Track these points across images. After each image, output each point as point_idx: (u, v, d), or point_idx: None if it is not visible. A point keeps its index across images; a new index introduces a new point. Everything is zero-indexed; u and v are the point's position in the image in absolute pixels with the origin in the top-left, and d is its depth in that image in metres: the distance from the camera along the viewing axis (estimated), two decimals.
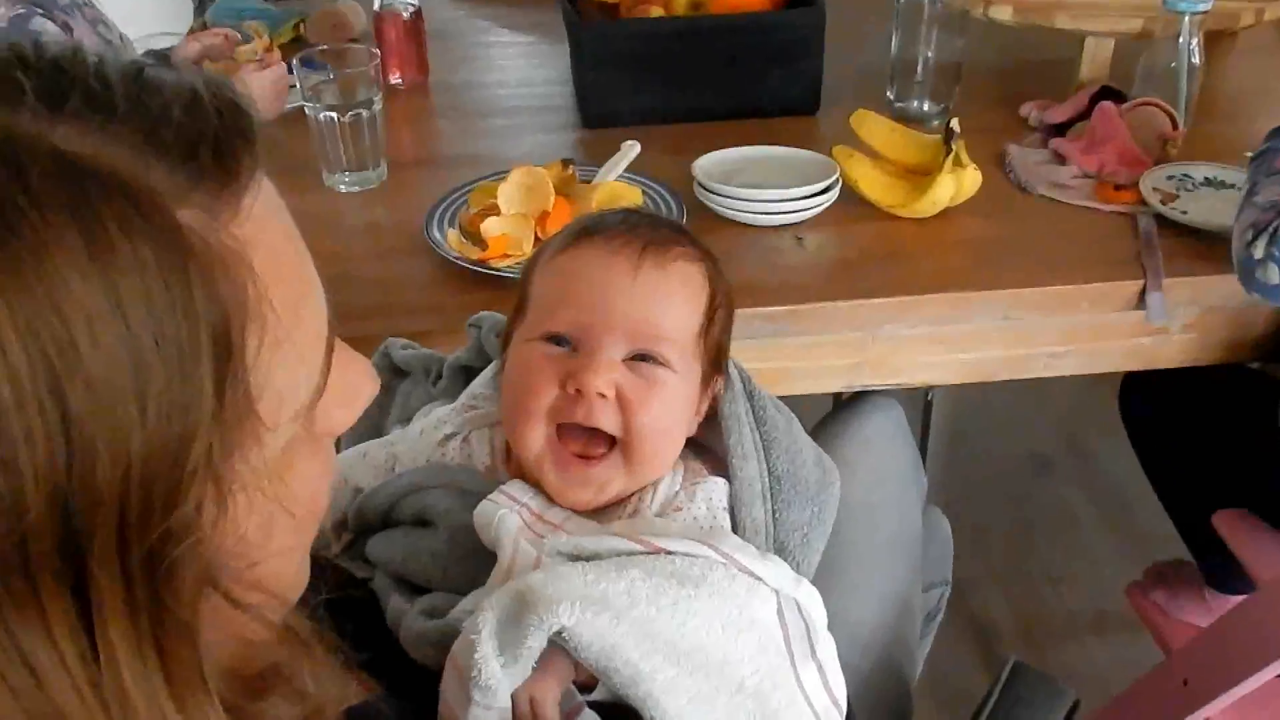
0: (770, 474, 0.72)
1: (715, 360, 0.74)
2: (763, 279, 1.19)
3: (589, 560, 0.62)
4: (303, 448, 0.44)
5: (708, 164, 1.32)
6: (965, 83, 1.56)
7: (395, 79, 1.72)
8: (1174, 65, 1.39)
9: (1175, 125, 1.37)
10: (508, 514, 0.65)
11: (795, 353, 1.18)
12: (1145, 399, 1.45)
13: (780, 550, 0.70)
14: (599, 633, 0.55)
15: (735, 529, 0.70)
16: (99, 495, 0.33)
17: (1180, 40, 1.38)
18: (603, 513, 0.70)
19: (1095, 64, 1.55)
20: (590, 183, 1.30)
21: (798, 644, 0.63)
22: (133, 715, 0.34)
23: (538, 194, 1.21)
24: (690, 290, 0.71)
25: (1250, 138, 1.21)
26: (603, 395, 0.66)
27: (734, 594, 0.61)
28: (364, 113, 1.36)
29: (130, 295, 0.33)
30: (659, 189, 1.31)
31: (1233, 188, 1.29)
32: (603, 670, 0.56)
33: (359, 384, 0.48)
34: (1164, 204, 1.25)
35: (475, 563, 0.65)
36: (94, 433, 0.33)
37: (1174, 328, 1.20)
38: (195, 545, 0.36)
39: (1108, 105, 1.39)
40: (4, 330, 0.31)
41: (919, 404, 1.78)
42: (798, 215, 1.26)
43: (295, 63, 1.37)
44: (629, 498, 0.70)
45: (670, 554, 0.62)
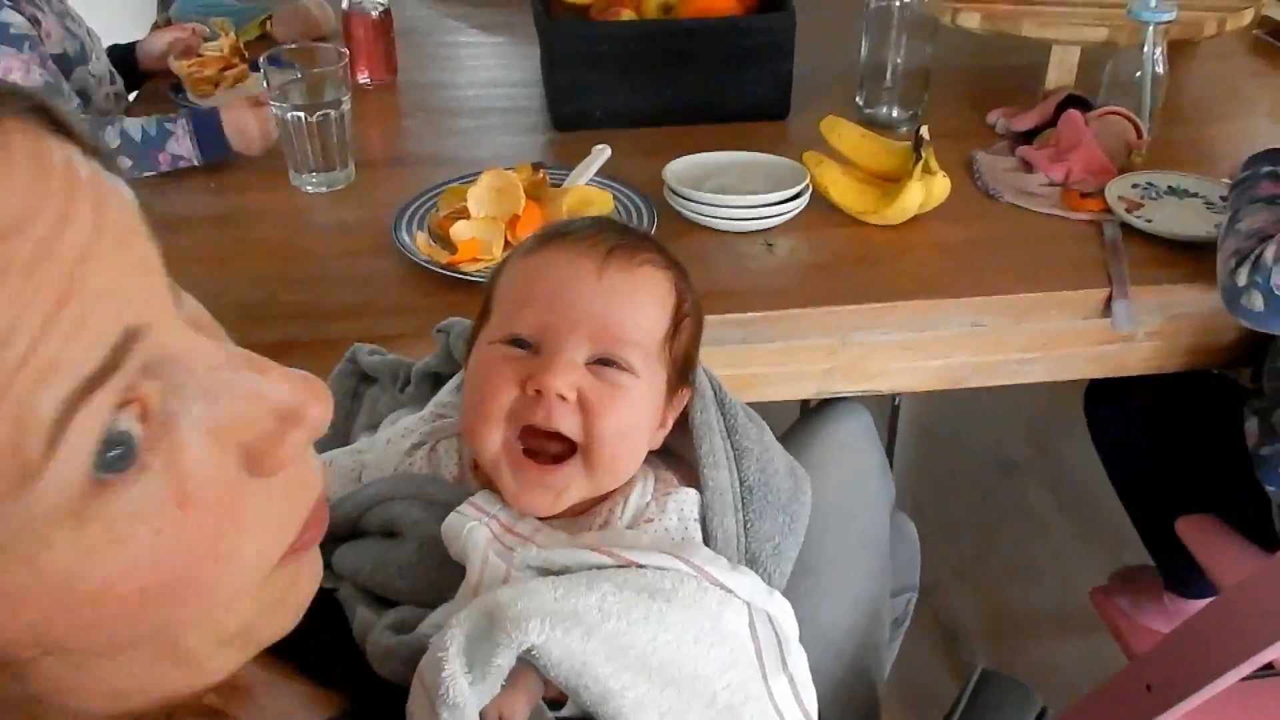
0: (742, 483, 0.71)
1: (682, 371, 0.73)
2: (733, 284, 1.19)
3: (559, 574, 0.61)
4: (59, 514, 0.34)
5: (678, 168, 1.32)
6: (933, 89, 1.57)
7: (363, 78, 1.71)
8: (1139, 74, 1.40)
9: (1140, 133, 1.39)
10: (477, 526, 0.64)
11: (765, 359, 1.17)
12: (1110, 404, 1.47)
13: (752, 561, 0.70)
14: (569, 650, 0.55)
15: (706, 539, 0.69)
16: None
17: (1145, 49, 1.39)
18: (573, 524, 0.69)
19: (1061, 72, 1.57)
20: (561, 186, 1.29)
21: (769, 656, 0.63)
22: None
23: (508, 197, 1.20)
24: (656, 295, 0.71)
25: (1213, 146, 1.22)
26: (563, 397, 0.66)
27: (706, 607, 0.60)
28: (332, 112, 1.34)
29: None
30: (629, 193, 1.31)
31: (1196, 196, 1.31)
32: (573, 687, 0.56)
33: None
34: (1129, 212, 1.26)
35: (444, 575, 0.64)
36: None
37: (1140, 335, 1.21)
38: None
39: (1074, 113, 1.40)
40: None
41: (885, 408, 1.79)
42: (768, 221, 1.26)
43: (262, 61, 1.35)
44: (599, 508, 0.69)
45: (641, 567, 0.61)
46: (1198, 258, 1.21)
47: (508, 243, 1.18)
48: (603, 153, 1.33)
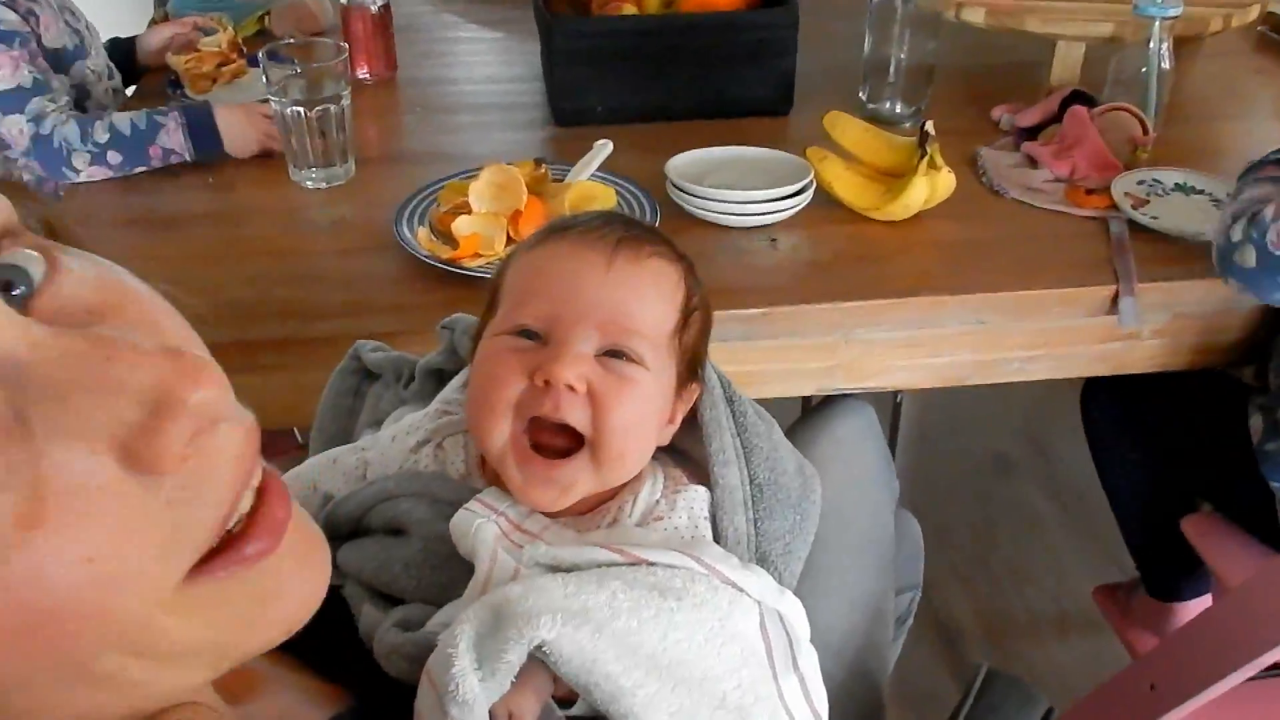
0: (752, 481, 0.70)
1: (690, 366, 0.73)
2: (736, 281, 1.18)
3: (569, 571, 0.60)
4: None
5: (681, 164, 1.31)
6: (937, 85, 1.56)
7: (362, 73, 1.70)
8: (1144, 70, 1.40)
9: (1145, 130, 1.38)
10: (485, 523, 0.63)
11: (767, 355, 1.17)
12: (1107, 403, 1.46)
13: (762, 560, 0.69)
14: (580, 646, 0.54)
15: (717, 538, 0.69)
16: None
17: (1150, 45, 1.39)
18: (582, 522, 0.68)
19: (1066, 68, 1.56)
20: (563, 181, 1.28)
21: (780, 656, 0.62)
22: None
23: (510, 192, 1.19)
24: (664, 287, 0.70)
25: (1218, 142, 1.22)
26: (572, 388, 0.65)
27: (716, 606, 0.60)
28: (331, 108, 1.34)
29: None
30: (631, 188, 1.30)
31: (1203, 193, 1.30)
32: (583, 685, 0.55)
33: None
34: (1135, 209, 1.26)
35: (451, 573, 0.64)
36: None
37: (1145, 333, 1.20)
38: None
39: (1079, 109, 1.40)
40: None
41: (888, 405, 1.78)
42: (771, 217, 1.26)
43: (261, 56, 1.34)
44: (609, 506, 0.69)
45: (652, 565, 0.61)
46: (1204, 255, 1.20)
47: (510, 238, 1.17)
48: (604, 148, 1.32)
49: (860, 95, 1.57)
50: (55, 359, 0.33)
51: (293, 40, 1.49)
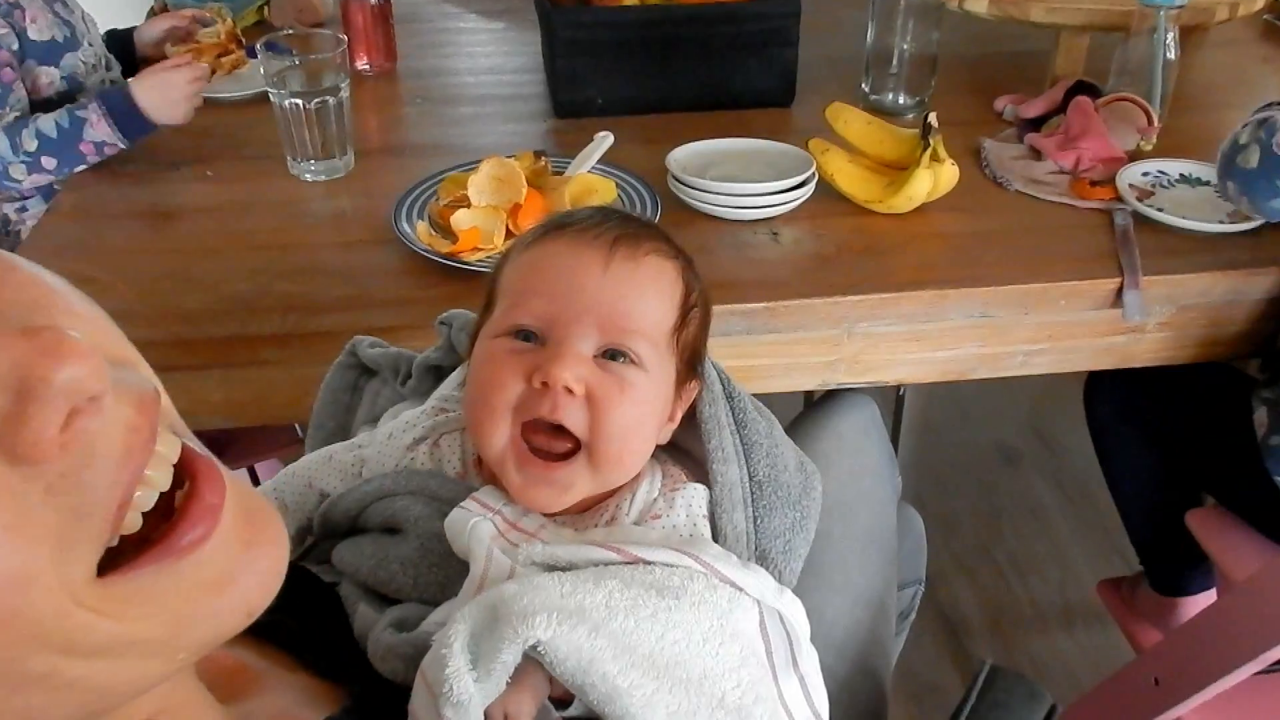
0: (751, 479, 0.70)
1: (689, 362, 0.72)
2: (737, 274, 1.17)
3: (565, 570, 0.60)
4: None
5: (682, 156, 1.30)
6: (940, 76, 1.55)
7: (362, 65, 1.69)
8: (1150, 60, 1.39)
9: (1150, 120, 1.37)
10: (481, 522, 0.63)
11: (770, 350, 1.16)
12: (1111, 397, 1.46)
13: (762, 558, 0.68)
14: (576, 646, 0.54)
15: (715, 536, 0.68)
16: None
17: (1156, 35, 1.37)
18: (579, 521, 0.68)
19: (1070, 58, 1.55)
20: (563, 174, 1.28)
21: (780, 656, 0.61)
22: None
23: (509, 186, 1.18)
24: (663, 284, 0.69)
25: (1223, 133, 1.21)
26: (570, 390, 0.64)
27: (715, 605, 0.59)
28: (330, 100, 1.33)
29: None
30: (632, 181, 1.29)
31: (1208, 184, 1.29)
32: (579, 685, 0.54)
33: None
34: (1140, 200, 1.25)
35: (447, 572, 0.63)
36: None
37: (1150, 326, 1.19)
38: None
39: (1083, 100, 1.38)
40: None
41: (890, 398, 1.78)
42: (773, 209, 1.25)
43: (259, 47, 1.33)
44: (606, 504, 0.68)
45: (649, 564, 0.60)
46: (1210, 247, 1.19)
47: (509, 232, 1.16)
48: (605, 140, 1.31)
49: (863, 86, 1.56)
50: None
51: (291, 31, 1.48)
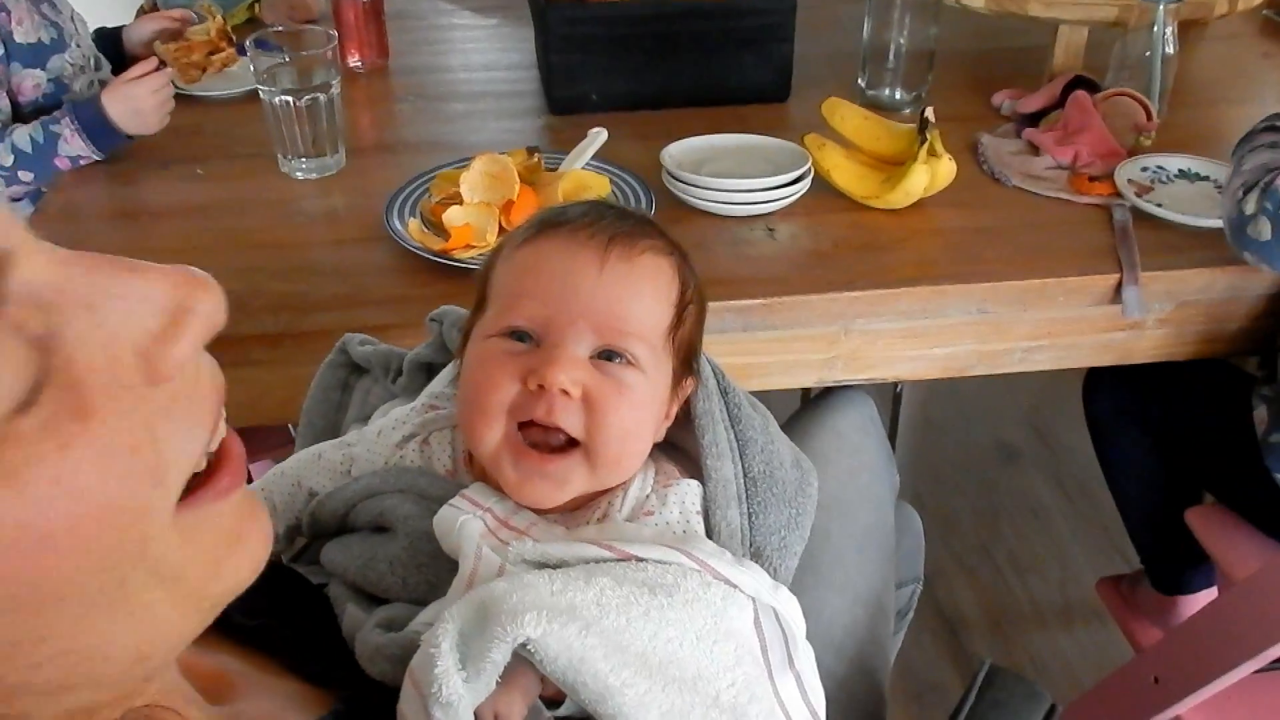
0: (746, 475, 0.69)
1: (686, 360, 0.71)
2: (733, 271, 1.16)
3: (556, 568, 0.59)
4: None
5: (677, 152, 1.29)
6: (937, 71, 1.54)
7: (354, 62, 1.68)
8: (1148, 55, 1.38)
9: (1149, 115, 1.36)
10: (470, 520, 0.62)
11: (767, 347, 1.15)
12: (1110, 394, 1.45)
13: (757, 555, 0.67)
14: (566, 644, 0.52)
15: (709, 533, 0.67)
16: None
17: (1155, 29, 1.36)
18: (570, 518, 0.67)
19: (1068, 53, 1.54)
20: (556, 170, 1.27)
21: (775, 654, 0.60)
22: None
23: (502, 182, 1.17)
24: (659, 283, 0.68)
25: (1222, 128, 1.20)
26: (567, 393, 0.63)
27: (709, 602, 0.58)
28: (321, 97, 1.32)
29: None
30: (627, 177, 1.28)
31: (1207, 179, 1.28)
32: (570, 684, 0.53)
33: None
34: (1139, 196, 1.24)
35: (436, 571, 0.62)
36: None
37: (1149, 322, 1.18)
38: None
39: (1082, 95, 1.38)
40: None
41: (887, 395, 1.77)
42: (769, 205, 1.24)
43: (249, 44, 1.32)
44: (598, 501, 0.67)
45: (642, 561, 0.59)
46: (1209, 243, 1.18)
47: (502, 229, 1.15)
48: (599, 136, 1.30)
49: (859, 81, 1.55)
50: (82, 274, 0.36)
51: (281, 28, 1.47)
